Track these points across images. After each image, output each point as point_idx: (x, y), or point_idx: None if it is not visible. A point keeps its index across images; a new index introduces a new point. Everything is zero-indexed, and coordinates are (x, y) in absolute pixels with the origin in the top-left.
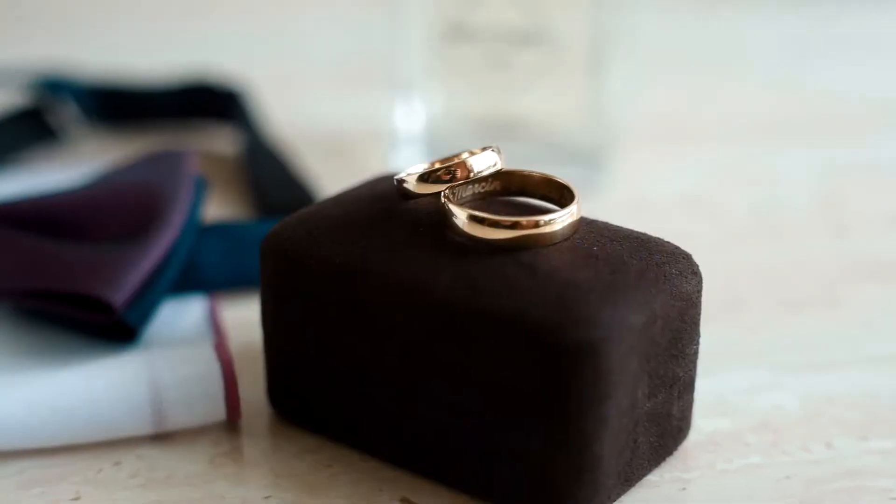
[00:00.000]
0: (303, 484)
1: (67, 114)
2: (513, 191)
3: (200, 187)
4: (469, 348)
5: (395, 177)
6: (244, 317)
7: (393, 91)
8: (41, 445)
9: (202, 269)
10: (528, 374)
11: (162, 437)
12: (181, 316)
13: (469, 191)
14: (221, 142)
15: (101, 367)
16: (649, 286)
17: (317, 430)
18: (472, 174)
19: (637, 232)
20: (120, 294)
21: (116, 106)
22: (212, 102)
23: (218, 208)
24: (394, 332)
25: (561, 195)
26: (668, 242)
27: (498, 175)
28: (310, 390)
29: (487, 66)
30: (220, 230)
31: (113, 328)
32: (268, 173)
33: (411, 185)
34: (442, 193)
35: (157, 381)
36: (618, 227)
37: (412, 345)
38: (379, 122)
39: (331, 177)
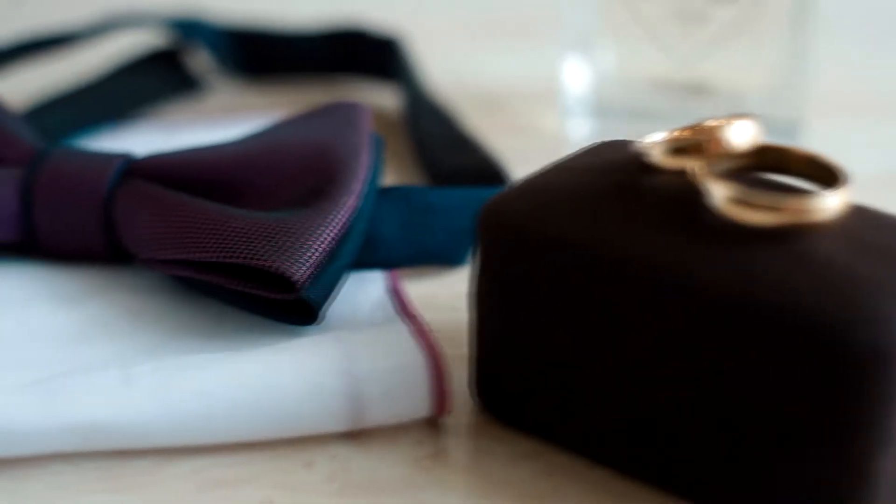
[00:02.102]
0: (522, 495)
1: (203, 61)
2: (767, 167)
3: (378, 146)
4: (731, 348)
5: (636, 147)
6: (423, 297)
7: (564, 45)
8: (220, 441)
9: (379, 240)
10: (806, 380)
11: (357, 436)
12: (360, 295)
13: (719, 165)
14: (377, 96)
15: (288, 354)
16: None
17: (533, 432)
18: (727, 148)
19: None
20: (302, 268)
21: (257, 54)
22: (365, 52)
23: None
24: (639, 325)
25: (824, 176)
26: None
27: (753, 149)
28: (527, 386)
29: (676, 21)
30: (398, 196)
31: (290, 307)
32: (435, 133)
33: (657, 157)
34: (692, 168)
35: (354, 371)
36: (886, 213)
37: (661, 341)
38: (542, 78)
39: (490, 136)
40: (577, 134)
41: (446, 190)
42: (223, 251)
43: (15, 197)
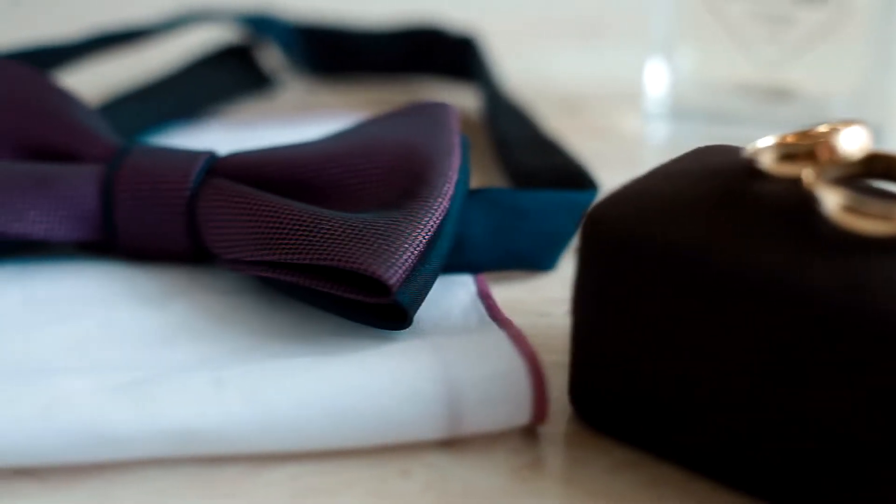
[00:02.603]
0: None
1: (275, 58)
2: (876, 174)
3: (465, 147)
4: (846, 357)
5: (742, 152)
6: (510, 301)
7: (644, 46)
8: (314, 448)
9: (467, 243)
10: None
11: (452, 444)
12: (449, 298)
13: (830, 172)
14: (453, 96)
15: (384, 359)
16: None
17: (631, 441)
18: (838, 154)
19: None
20: (395, 271)
21: (329, 52)
22: (441, 51)
23: None
24: (749, 335)
25: None
26: None
27: (863, 156)
28: (627, 394)
29: (762, 24)
30: (486, 199)
31: (378, 310)
32: (515, 134)
33: (767, 163)
34: (804, 175)
35: (453, 377)
36: None
37: (772, 350)
38: (620, 79)
39: (567, 138)
40: (657, 137)
41: (535, 193)
42: (314, 253)
43: (95, 195)
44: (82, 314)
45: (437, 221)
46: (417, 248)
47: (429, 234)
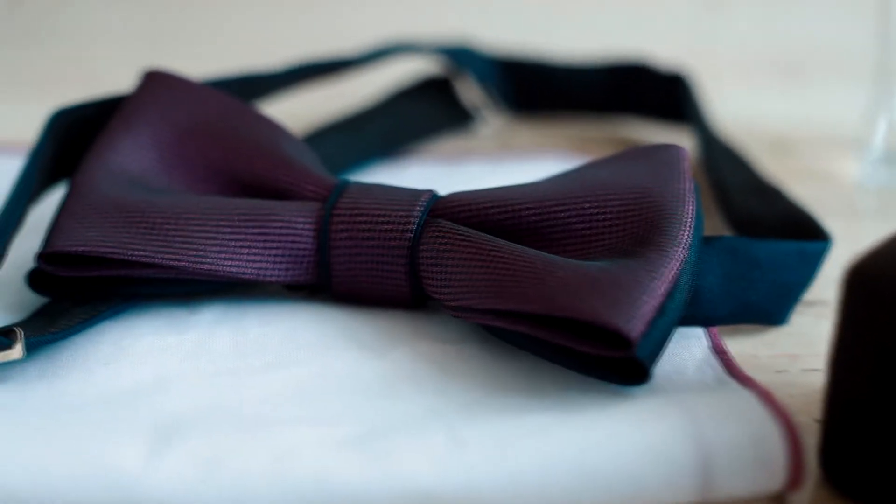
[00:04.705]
0: None
1: (473, 92)
2: None
3: (697, 193)
4: None
5: None
6: (743, 356)
7: (861, 87)
8: None
9: (701, 294)
10: None
11: None
12: (682, 353)
13: None
14: (661, 136)
15: (630, 418)
16: None
17: None
18: None
19: None
20: (635, 324)
21: (528, 87)
22: (648, 89)
23: None
24: None
25: None
26: None
27: None
28: (887, 460)
29: None
30: (722, 248)
31: (611, 364)
32: (734, 178)
33: None
34: None
35: (705, 439)
36: None
37: None
38: (832, 121)
39: (780, 181)
40: (873, 182)
41: (768, 242)
42: (548, 303)
43: (311, 234)
44: (296, 360)
45: (676, 271)
46: (656, 300)
47: (668, 284)
